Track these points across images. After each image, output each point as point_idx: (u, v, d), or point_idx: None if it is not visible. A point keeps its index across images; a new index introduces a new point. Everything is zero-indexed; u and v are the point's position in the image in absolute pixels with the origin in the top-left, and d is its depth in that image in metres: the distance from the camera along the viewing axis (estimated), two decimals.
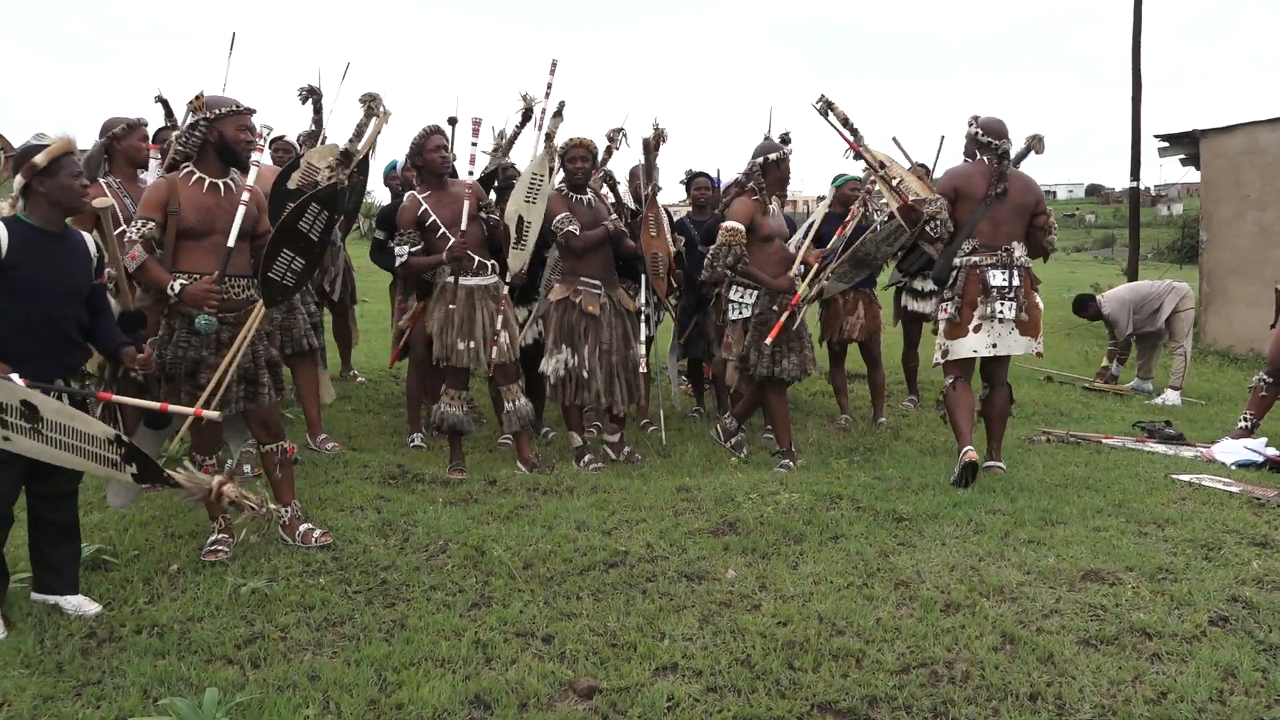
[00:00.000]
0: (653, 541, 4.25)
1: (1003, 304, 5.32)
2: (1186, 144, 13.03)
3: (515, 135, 6.28)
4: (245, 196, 4.11)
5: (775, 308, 5.67)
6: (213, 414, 3.74)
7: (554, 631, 3.42)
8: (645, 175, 5.97)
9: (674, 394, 7.44)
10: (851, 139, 5.61)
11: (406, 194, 5.66)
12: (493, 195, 5.90)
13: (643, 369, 5.97)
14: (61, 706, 2.94)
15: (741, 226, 5.60)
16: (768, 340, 5.57)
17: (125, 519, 4.55)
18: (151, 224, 3.98)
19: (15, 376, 3.31)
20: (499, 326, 5.47)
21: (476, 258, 5.43)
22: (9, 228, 3.45)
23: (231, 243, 4.03)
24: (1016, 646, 3.25)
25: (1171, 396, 8.41)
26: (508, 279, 5.64)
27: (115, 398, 3.79)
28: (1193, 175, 13.81)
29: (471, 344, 5.41)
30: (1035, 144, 6.99)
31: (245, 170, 4.18)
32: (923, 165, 7.62)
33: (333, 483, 5.19)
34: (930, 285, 7.61)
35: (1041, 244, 5.54)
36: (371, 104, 5.23)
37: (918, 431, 6.87)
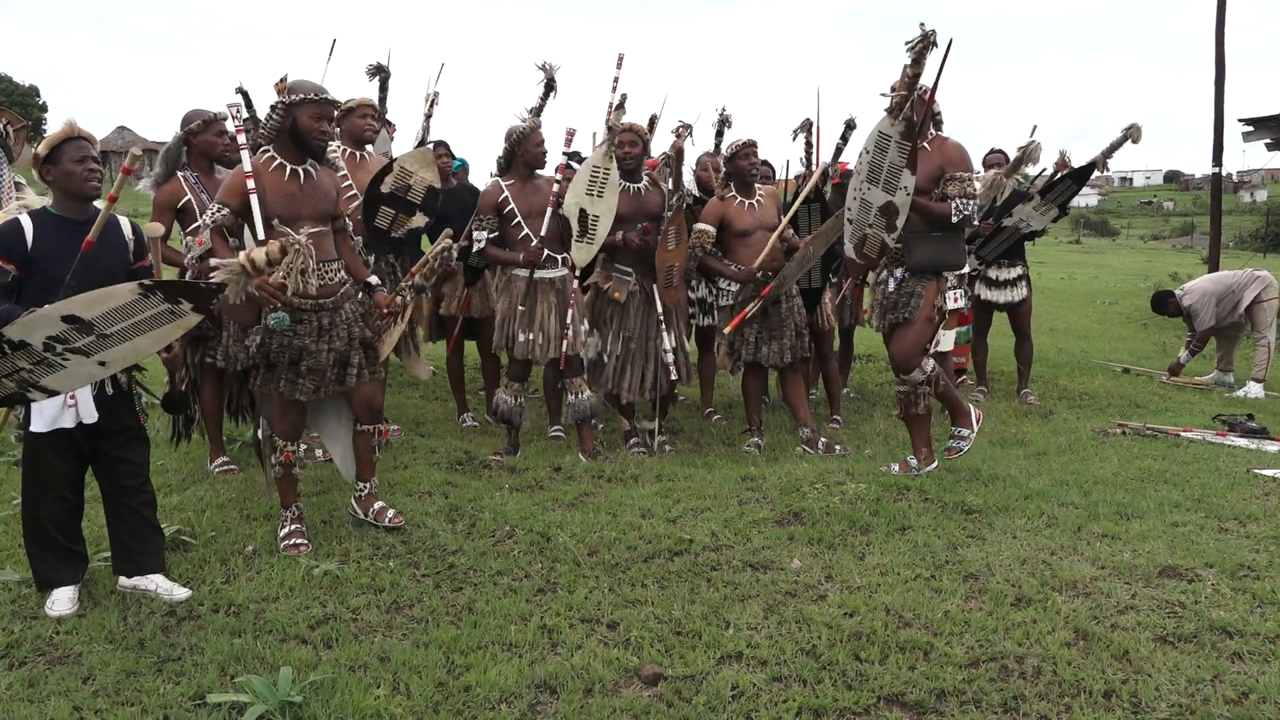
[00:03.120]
0: (717, 530, 4.25)
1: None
2: (1272, 127, 12.61)
3: (540, 108, 6.17)
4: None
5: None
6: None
7: (619, 618, 3.44)
8: (674, 184, 5.91)
9: (731, 383, 7.43)
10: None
11: (490, 180, 5.72)
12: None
13: (669, 358, 5.94)
14: (144, 681, 3.04)
15: (709, 228, 5.84)
16: (725, 330, 5.85)
17: (203, 501, 4.68)
18: (226, 211, 3.96)
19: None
20: (568, 320, 5.51)
21: (546, 251, 5.48)
22: (34, 219, 3.44)
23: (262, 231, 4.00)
24: (1090, 643, 3.18)
25: (1254, 389, 8.14)
26: (576, 272, 5.65)
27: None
28: (1278, 160, 13.39)
29: (531, 336, 5.45)
30: (1133, 133, 6.81)
31: (320, 159, 4.19)
32: (1000, 151, 7.47)
33: (401, 468, 5.28)
34: (1007, 274, 7.48)
35: None
36: (380, 74, 5.86)
37: (987, 422, 6.74)
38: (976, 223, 4.85)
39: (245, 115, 6.10)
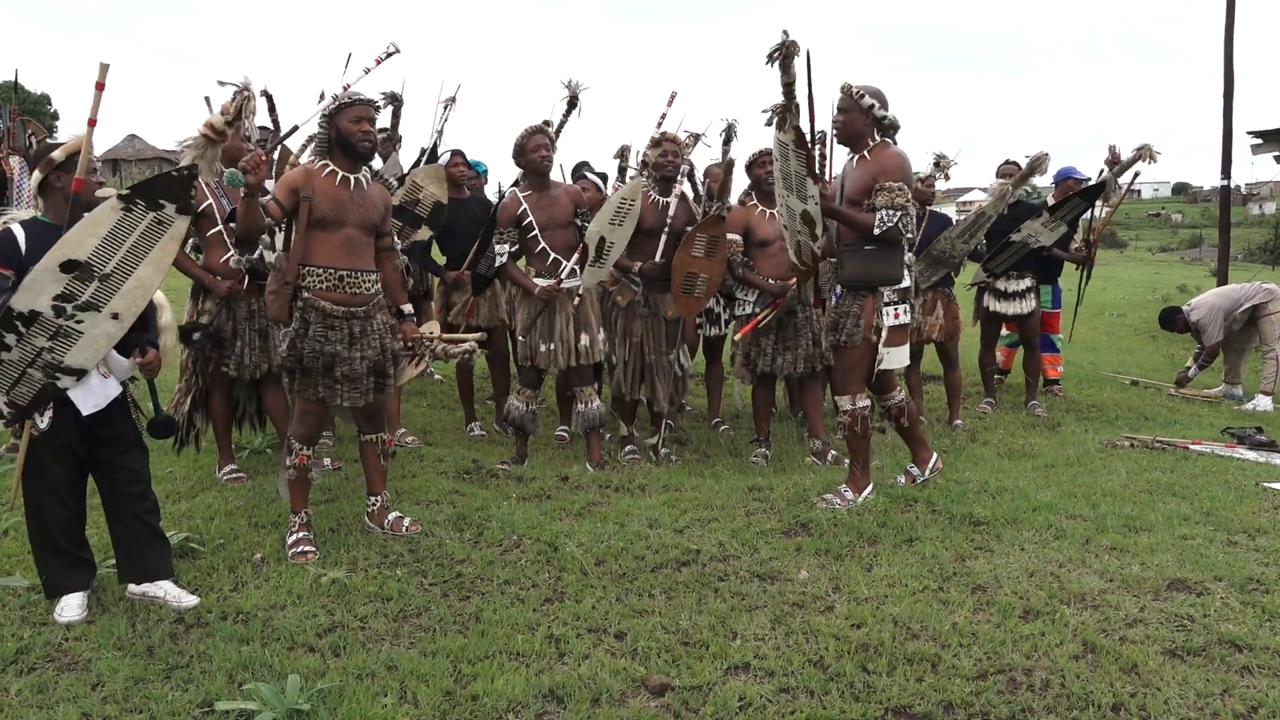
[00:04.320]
0: (725, 541, 4.25)
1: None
2: None
3: (562, 125, 6.22)
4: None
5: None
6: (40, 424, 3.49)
7: (626, 628, 3.44)
8: (717, 196, 5.94)
9: (737, 393, 7.44)
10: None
11: (508, 191, 5.74)
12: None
13: (678, 371, 5.95)
14: (152, 689, 3.05)
15: (738, 237, 5.85)
16: (737, 337, 5.87)
17: (211, 509, 4.70)
18: (271, 199, 4.05)
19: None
20: (581, 329, 5.52)
21: (563, 260, 5.50)
22: (26, 228, 3.53)
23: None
24: (1098, 655, 3.18)
25: (1263, 402, 8.12)
26: (580, 291, 5.63)
27: None
28: None
29: (552, 346, 5.48)
30: (1144, 153, 6.81)
31: (368, 162, 4.26)
32: (1014, 163, 7.46)
33: (409, 476, 5.28)
34: (1016, 286, 7.46)
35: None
36: (394, 103, 5.93)
37: (995, 434, 6.75)
38: (911, 235, 4.60)
39: (265, 124, 6.16)
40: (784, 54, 4.37)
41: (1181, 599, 3.59)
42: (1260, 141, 12.88)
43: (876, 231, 4.55)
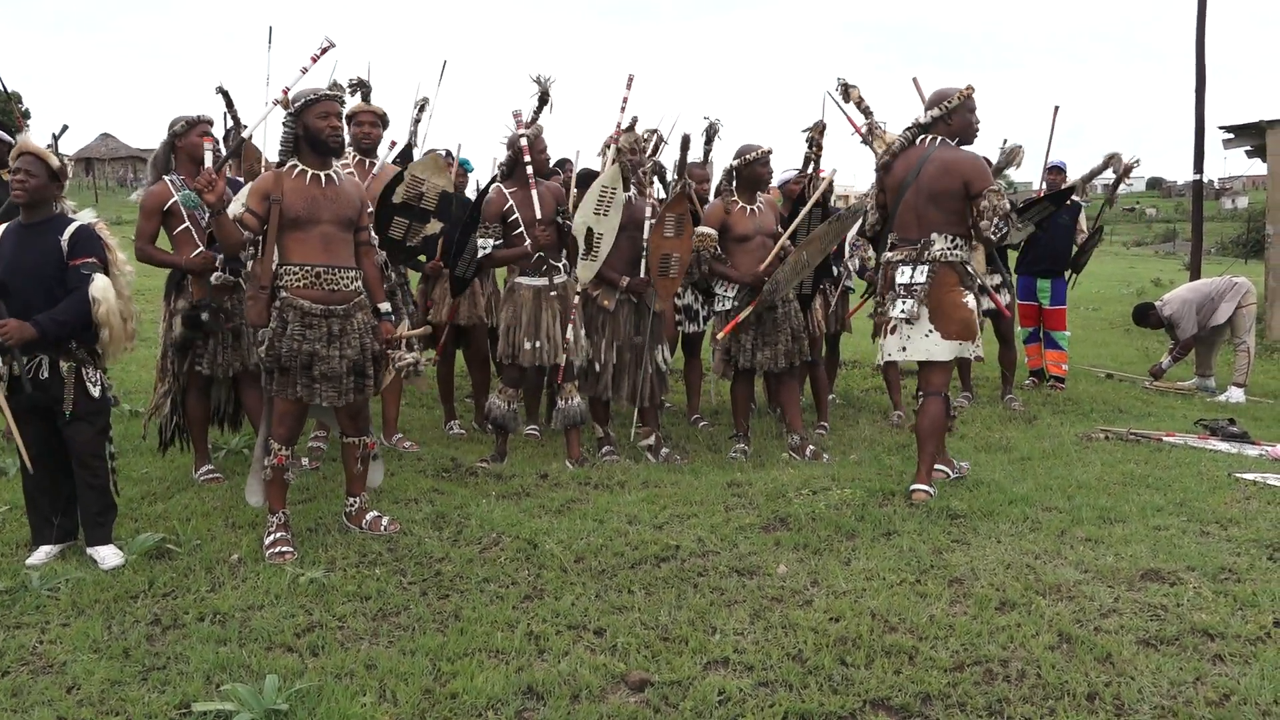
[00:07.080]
0: (704, 536, 4.26)
1: (902, 303, 4.67)
2: (1253, 135, 12.72)
3: (534, 120, 6.22)
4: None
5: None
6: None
7: (605, 624, 3.44)
8: (677, 172, 5.95)
9: (712, 388, 7.46)
10: (862, 127, 5.37)
11: (493, 187, 5.73)
12: None
13: (663, 366, 5.96)
14: (128, 690, 3.02)
15: (711, 231, 5.87)
16: (720, 336, 5.88)
17: (188, 509, 4.67)
18: (244, 209, 4.08)
19: None
20: (566, 327, 5.52)
21: (547, 257, 5.49)
22: (5, 227, 4.10)
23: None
24: (1074, 646, 3.21)
25: (1235, 393, 8.22)
26: (578, 288, 5.64)
27: None
28: (1259, 168, 13.50)
29: (537, 344, 5.47)
30: (1114, 163, 6.94)
31: (338, 156, 4.22)
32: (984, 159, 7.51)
33: (388, 475, 5.26)
34: (987, 282, 7.53)
35: (980, 234, 4.67)
36: (362, 88, 5.84)
37: (972, 428, 6.79)
38: (877, 225, 5.03)
39: (228, 122, 6.09)
40: (842, 89, 5.32)
41: (1155, 589, 3.63)
42: (1232, 136, 12.98)
43: None
